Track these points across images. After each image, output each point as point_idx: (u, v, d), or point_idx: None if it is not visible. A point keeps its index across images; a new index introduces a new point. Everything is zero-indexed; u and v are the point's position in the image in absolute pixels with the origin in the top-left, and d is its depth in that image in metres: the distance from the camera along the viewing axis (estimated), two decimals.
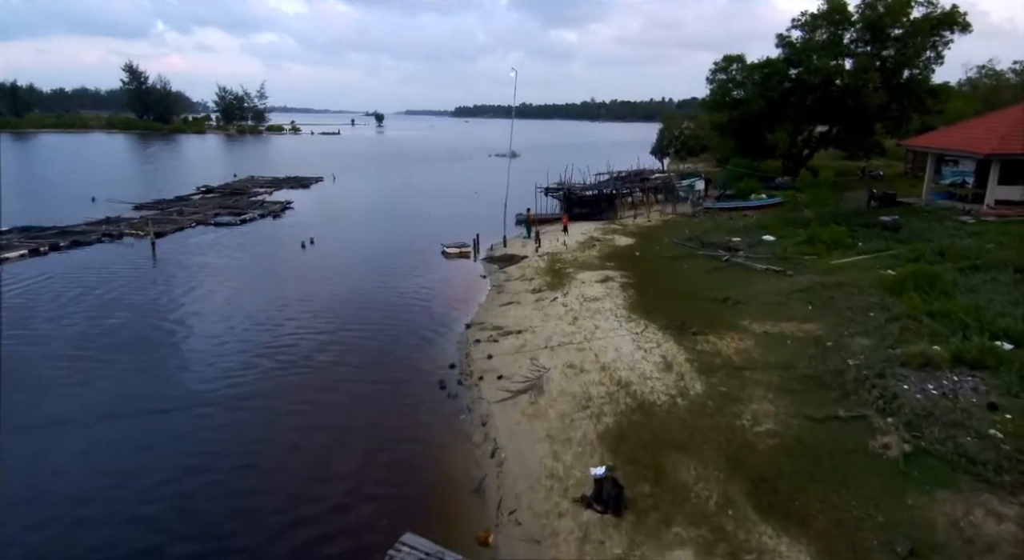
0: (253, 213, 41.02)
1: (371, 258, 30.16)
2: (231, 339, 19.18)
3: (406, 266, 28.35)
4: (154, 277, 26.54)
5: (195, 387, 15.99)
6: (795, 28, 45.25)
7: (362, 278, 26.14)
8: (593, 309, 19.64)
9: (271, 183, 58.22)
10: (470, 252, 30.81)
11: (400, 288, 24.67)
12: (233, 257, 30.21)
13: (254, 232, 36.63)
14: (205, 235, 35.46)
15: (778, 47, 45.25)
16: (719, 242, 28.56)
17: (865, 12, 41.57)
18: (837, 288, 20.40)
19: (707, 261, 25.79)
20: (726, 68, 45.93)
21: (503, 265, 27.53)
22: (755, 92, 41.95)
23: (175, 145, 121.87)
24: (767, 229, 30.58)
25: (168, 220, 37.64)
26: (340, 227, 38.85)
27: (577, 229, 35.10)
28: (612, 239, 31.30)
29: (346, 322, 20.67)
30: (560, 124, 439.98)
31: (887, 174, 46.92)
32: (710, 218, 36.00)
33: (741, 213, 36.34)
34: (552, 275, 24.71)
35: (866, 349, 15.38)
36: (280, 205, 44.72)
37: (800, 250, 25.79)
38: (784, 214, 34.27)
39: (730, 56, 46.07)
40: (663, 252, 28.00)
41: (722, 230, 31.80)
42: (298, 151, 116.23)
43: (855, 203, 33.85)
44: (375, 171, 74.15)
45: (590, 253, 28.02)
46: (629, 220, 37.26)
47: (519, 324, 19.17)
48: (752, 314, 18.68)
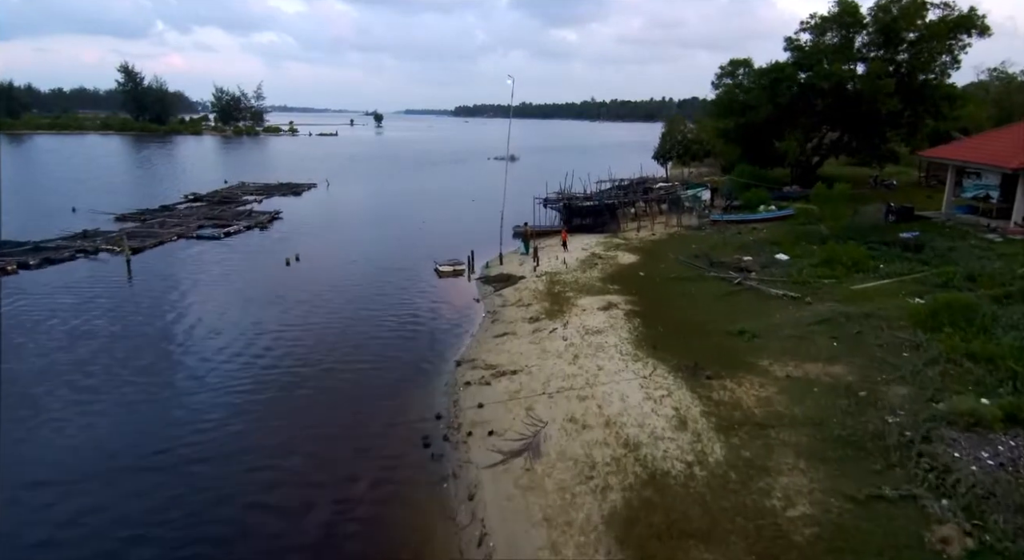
0: (239, 225, 39.23)
1: (358, 277, 28.38)
2: (183, 383, 17.35)
3: (395, 287, 26.58)
4: (122, 301, 24.77)
5: (135, 445, 14.21)
6: (804, 31, 43.55)
7: (346, 303, 24.34)
8: (596, 344, 17.87)
9: (262, 190, 56.44)
10: (464, 270, 29.06)
11: (386, 316, 22.88)
12: (210, 276, 28.40)
13: (238, 246, 34.85)
14: (186, 250, 33.69)
15: (786, 51, 43.55)
16: (729, 261, 26.81)
17: (878, 15, 39.85)
18: (863, 320, 18.65)
19: (717, 283, 24.04)
20: (732, 72, 44.16)
21: (499, 287, 25.77)
22: (763, 98, 40.16)
23: (170, 148, 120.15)
24: (779, 246, 28.83)
25: (148, 233, 35.87)
26: (329, 240, 37.11)
27: (578, 243, 33.35)
28: (615, 256, 29.53)
29: (322, 359, 18.87)
30: (560, 124, 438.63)
31: (900, 183, 45.14)
32: (717, 232, 34.23)
33: (750, 226, 34.58)
34: (551, 300, 22.95)
35: (905, 401, 13.64)
36: (268, 215, 42.93)
37: (818, 272, 24.01)
38: (796, 228, 32.51)
39: (736, 60, 44.33)
40: (669, 272, 26.23)
41: (731, 246, 30.03)
42: (294, 153, 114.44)
43: (871, 217, 32.10)
44: (370, 176, 72.41)
45: (591, 273, 26.25)
46: (632, 233, 35.49)
47: (514, 362, 17.41)
48: (771, 351, 16.93)
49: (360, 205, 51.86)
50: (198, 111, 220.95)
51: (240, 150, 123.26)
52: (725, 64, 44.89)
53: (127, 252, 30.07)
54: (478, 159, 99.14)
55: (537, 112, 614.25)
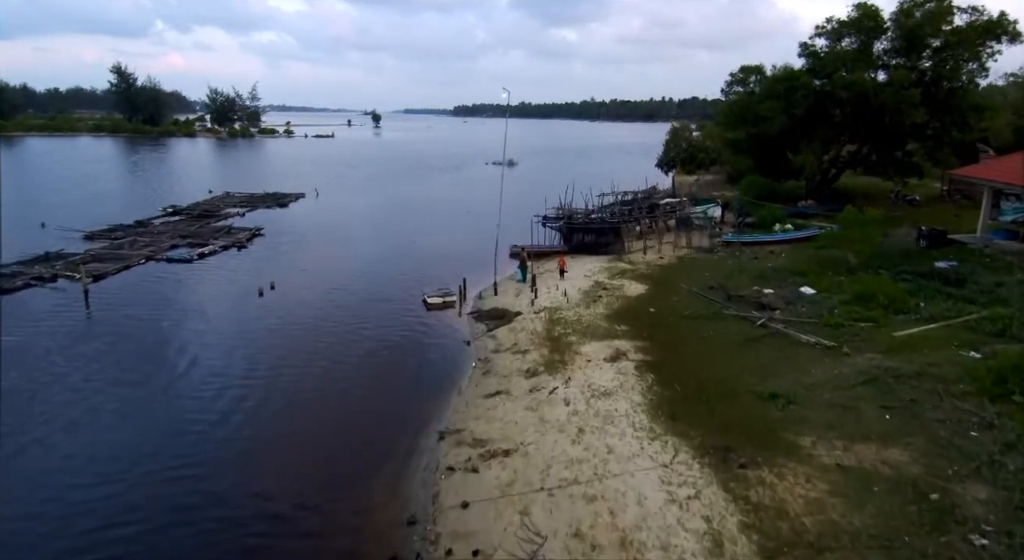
0: (215, 244, 36.52)
1: (337, 311, 25.68)
2: (104, 465, 14.66)
3: (377, 325, 23.87)
4: (72, 340, 22.08)
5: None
6: (819, 36, 40.90)
7: (318, 349, 21.59)
8: (604, 413, 15.21)
9: (246, 201, 53.71)
10: (455, 302, 26.38)
11: (364, 366, 20.19)
12: (172, 311, 25.65)
13: (211, 270, 32.15)
14: (153, 276, 30.97)
15: (801, 57, 40.88)
16: (749, 295, 24.16)
17: (900, 20, 37.21)
18: (914, 381, 16.02)
19: (738, 324, 21.39)
20: (744, 80, 41.47)
21: (492, 325, 23.09)
22: (777, 108, 37.47)
23: (161, 151, 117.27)
24: (803, 276, 26.18)
25: (114, 256, 33.17)
26: (311, 262, 34.39)
27: (580, 268, 30.73)
28: (621, 286, 26.86)
29: (281, 433, 16.14)
30: (559, 124, 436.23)
31: (921, 197, 42.49)
32: (731, 255, 31.57)
33: (766, 249, 31.94)
34: (551, 345, 20.28)
35: (989, 509, 11.01)
36: (249, 233, 40.20)
37: (851, 312, 21.36)
38: (818, 254, 29.88)
39: (748, 67, 41.64)
40: (682, 307, 23.57)
41: (748, 275, 27.37)
42: (289, 157, 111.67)
43: (900, 241, 29.45)
44: (363, 184, 69.62)
45: (596, 309, 23.58)
46: (639, 255, 32.84)
47: (508, 436, 14.75)
48: (813, 425, 14.30)
49: (349, 218, 49.11)
50: (195, 110, 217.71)
51: (232, 154, 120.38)
52: (735, 71, 42.30)
53: (84, 281, 27.35)
54: (475, 164, 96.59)
55: (536, 112, 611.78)
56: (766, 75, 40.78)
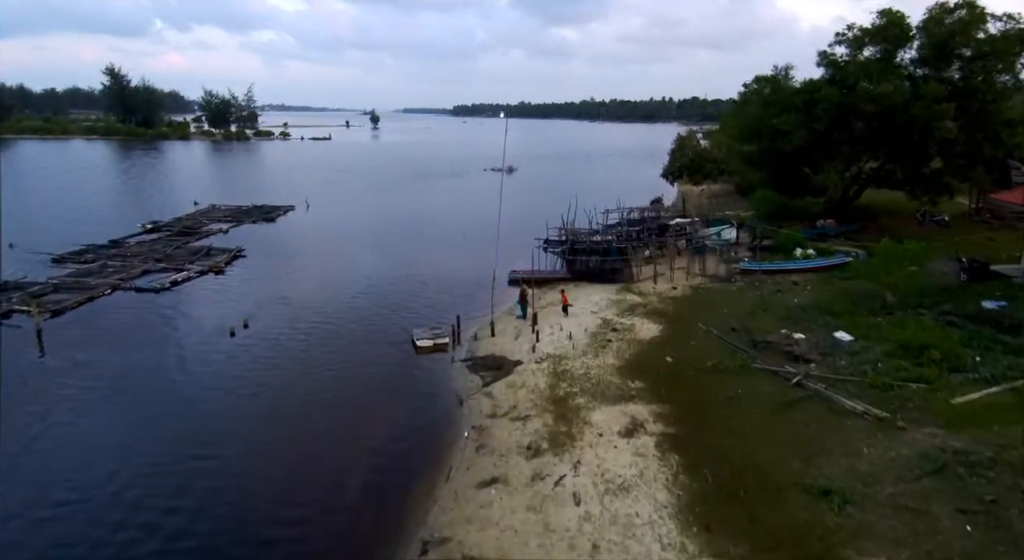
0: (191, 269, 33.83)
1: (317, 356, 22.98)
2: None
3: (357, 376, 21.16)
4: (13, 397, 19.41)
5: None
6: (839, 44, 38.25)
7: (285, 414, 18.84)
8: (623, 520, 12.57)
9: (231, 216, 51.02)
10: (447, 344, 23.73)
11: (337, 439, 17.45)
12: (129, 355, 22.94)
13: (182, 302, 29.46)
14: (118, 309, 28.27)
15: (820, 66, 38.23)
16: (777, 341, 21.48)
17: (929, 28, 34.57)
18: (990, 472, 13.48)
19: (770, 380, 18.77)
20: (760, 91, 38.75)
21: (489, 377, 20.42)
22: (796, 122, 34.78)
23: (153, 156, 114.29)
24: (835, 316, 23.55)
25: (79, 285, 30.48)
26: (294, 289, 31.63)
27: (586, 299, 28.09)
28: (632, 325, 24.19)
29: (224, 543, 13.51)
30: (559, 124, 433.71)
31: (948, 214, 39.85)
32: (751, 286, 28.93)
33: (789, 279, 29.28)
34: (555, 409, 17.63)
35: None
36: (229, 254, 37.50)
37: (898, 368, 18.72)
38: (848, 286, 27.28)
39: (763, 77, 38.92)
40: (703, 354, 20.92)
41: (773, 313, 24.74)
42: (282, 163, 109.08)
43: (939, 274, 26.79)
44: (356, 194, 66.72)
45: (605, 359, 20.92)
46: (649, 284, 30.16)
47: (505, 552, 12.09)
48: (879, 539, 11.71)
49: (338, 235, 46.37)
50: (194, 110, 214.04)
51: (225, 159, 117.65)
52: (750, 81, 39.64)
53: (38, 319, 24.69)
54: (474, 170, 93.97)
55: (536, 112, 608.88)
56: (781, 85, 38.04)
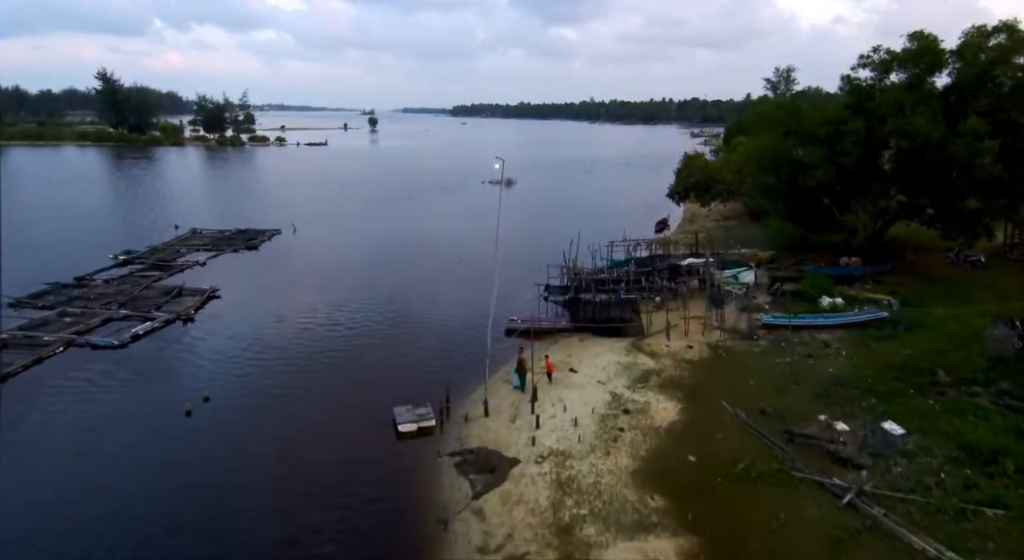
0: (157, 318, 30.79)
1: (280, 444, 19.97)
2: None
3: (325, 487, 17.95)
4: None
5: None
6: (863, 67, 35.23)
7: (231, 533, 15.93)
8: None
9: (212, 243, 48.00)
10: (433, 426, 20.72)
11: None
12: (69, 442, 19.98)
13: (139, 363, 26.43)
14: (67, 372, 25.22)
15: (842, 91, 35.19)
16: (817, 434, 18.47)
17: (966, 54, 31.57)
18: None
19: (813, 495, 15.79)
20: (780, 120, 35.62)
21: (480, 484, 17.37)
22: (821, 156, 31.73)
23: (143, 166, 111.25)
24: (879, 396, 20.58)
25: (29, 342, 27.47)
26: (267, 344, 28.55)
27: (591, 359, 25.14)
28: (646, 404, 21.16)
29: None
30: (559, 125, 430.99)
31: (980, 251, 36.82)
32: (777, 346, 25.89)
33: (819, 340, 26.26)
34: (559, 543, 14.61)
35: None
36: (202, 296, 34.47)
37: (967, 481, 15.74)
38: (885, 349, 24.30)
39: (782, 102, 35.97)
40: (731, 449, 17.97)
41: (806, 388, 21.76)
42: (275, 173, 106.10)
43: (992, 341, 23.77)
44: (347, 215, 63.46)
45: (618, 459, 17.89)
46: (661, 339, 27.14)
47: None
48: None
49: (322, 267, 43.15)
50: (193, 110, 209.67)
51: (216, 170, 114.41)
52: (768, 106, 36.60)
53: None
54: (472, 183, 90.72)
55: (535, 112, 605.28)
56: (801, 111, 34.94)
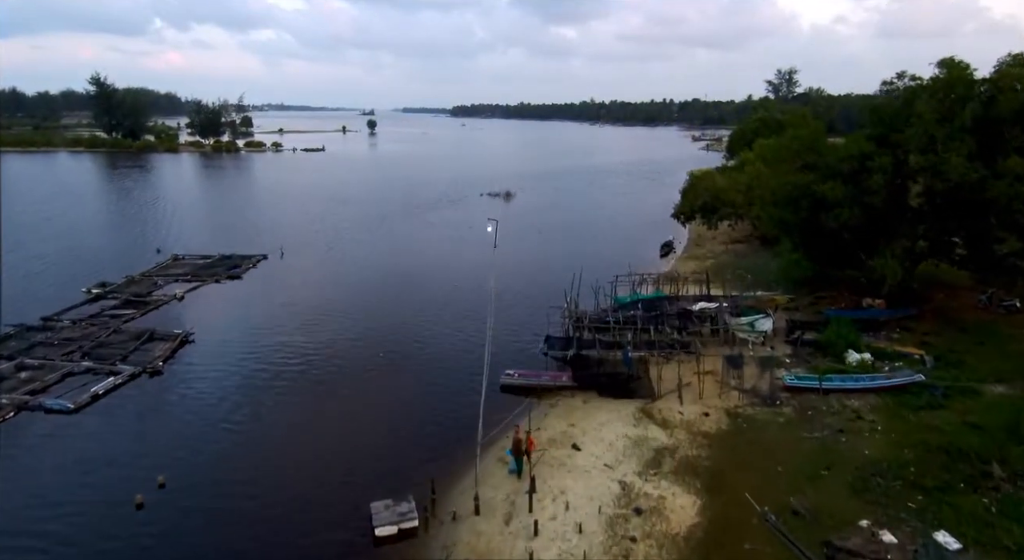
0: (122, 372, 28.21)
1: (241, 547, 17.46)
2: None
3: None
4: None
5: None
6: (887, 92, 32.72)
7: None
8: None
9: (193, 272, 45.38)
10: (416, 528, 18.15)
11: None
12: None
13: (91, 431, 23.82)
14: (14, 442, 22.68)
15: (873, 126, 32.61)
16: (860, 548, 15.92)
17: (1002, 85, 28.99)
18: None
19: None
20: (799, 151, 33.02)
21: None
22: (846, 195, 29.14)
23: (135, 178, 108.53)
24: (925, 492, 18.02)
25: None
26: (238, 404, 25.97)
27: (596, 435, 22.55)
28: (660, 501, 18.54)
29: None
30: (559, 126, 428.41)
31: None
32: (802, 415, 23.34)
33: (849, 408, 23.69)
34: None
35: None
36: (174, 341, 31.90)
37: None
38: (929, 427, 21.72)
39: (800, 133, 33.30)
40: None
41: (839, 472, 19.21)
42: (268, 185, 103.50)
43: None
44: (339, 235, 60.72)
45: None
46: (673, 404, 24.57)
47: None
48: None
49: (305, 302, 40.24)
50: (191, 110, 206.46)
51: (208, 181, 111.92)
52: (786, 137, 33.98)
53: None
54: (471, 194, 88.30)
55: (535, 112, 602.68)
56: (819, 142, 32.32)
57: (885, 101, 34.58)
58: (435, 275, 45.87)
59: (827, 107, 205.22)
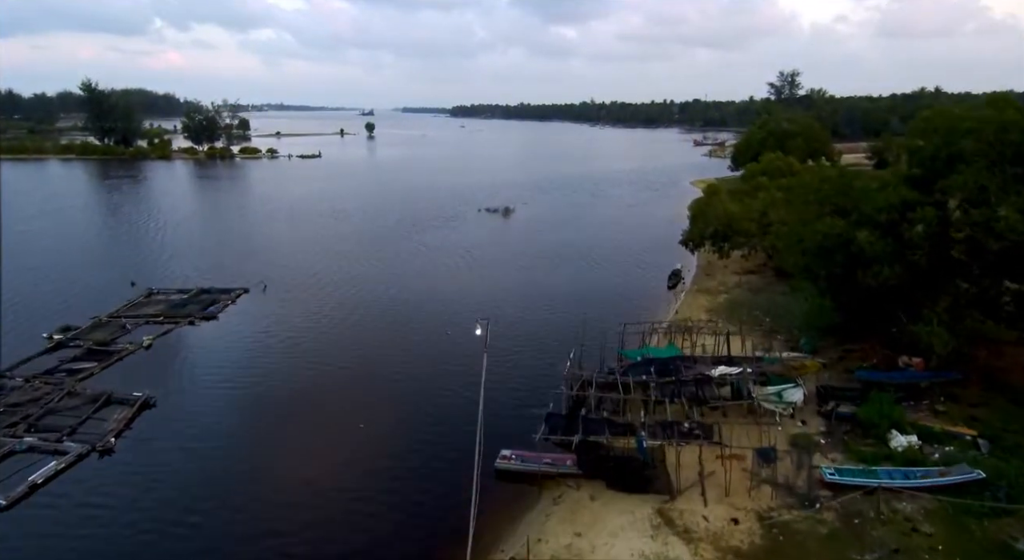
0: (68, 451, 24.95)
1: None
2: None
3: None
4: None
5: None
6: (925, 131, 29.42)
7: None
8: None
9: (167, 311, 42.08)
10: None
11: None
12: None
13: (22, 533, 20.67)
14: None
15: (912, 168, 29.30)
16: None
17: None
18: None
19: None
20: (829, 197, 29.63)
21: None
22: (885, 250, 25.78)
23: (124, 191, 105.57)
24: None
25: None
26: (187, 509, 22.68)
27: (606, 543, 19.30)
28: None
29: None
30: (559, 128, 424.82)
31: None
32: (847, 521, 20.05)
33: (897, 505, 20.42)
34: None
35: None
36: (132, 408, 28.64)
37: None
38: (995, 543, 18.44)
39: (830, 178, 29.89)
40: None
41: None
42: (260, 197, 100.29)
43: None
44: (326, 264, 56.90)
45: None
46: (696, 503, 21.29)
47: None
48: None
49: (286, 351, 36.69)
50: (190, 110, 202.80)
51: (199, 194, 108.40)
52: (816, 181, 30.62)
53: None
54: (468, 211, 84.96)
55: (535, 113, 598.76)
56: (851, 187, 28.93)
57: (920, 129, 31.16)
58: (428, 318, 42.08)
59: (831, 111, 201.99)
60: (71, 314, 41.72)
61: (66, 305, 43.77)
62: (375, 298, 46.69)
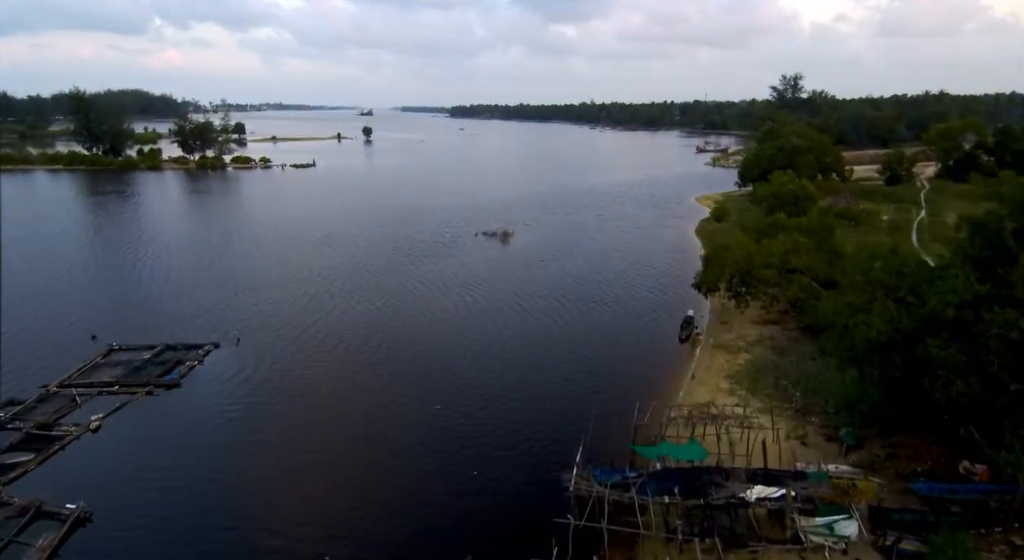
0: None
1: None
2: None
3: None
4: None
5: None
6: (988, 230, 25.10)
7: None
8: None
9: (124, 377, 37.82)
10: None
11: None
12: None
13: None
14: None
15: (974, 247, 24.96)
16: None
17: None
18: None
19: None
20: (881, 279, 25.24)
21: None
22: (958, 357, 21.36)
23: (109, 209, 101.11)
24: None
25: None
26: None
27: None
28: None
29: None
30: (559, 129, 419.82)
31: None
32: None
33: None
34: None
35: None
36: (65, 521, 24.38)
37: None
38: None
39: (882, 256, 25.58)
40: None
41: None
42: (249, 217, 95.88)
43: None
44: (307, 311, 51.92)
45: None
46: None
47: None
48: None
49: (251, 427, 32.72)
50: (189, 110, 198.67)
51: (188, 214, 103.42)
52: (867, 260, 26.30)
53: None
54: (465, 235, 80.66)
55: (535, 113, 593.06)
56: (910, 269, 24.60)
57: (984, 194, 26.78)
58: (417, 386, 37.69)
59: (837, 119, 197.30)
60: (23, 376, 37.77)
61: (17, 365, 39.51)
62: (360, 356, 42.27)
